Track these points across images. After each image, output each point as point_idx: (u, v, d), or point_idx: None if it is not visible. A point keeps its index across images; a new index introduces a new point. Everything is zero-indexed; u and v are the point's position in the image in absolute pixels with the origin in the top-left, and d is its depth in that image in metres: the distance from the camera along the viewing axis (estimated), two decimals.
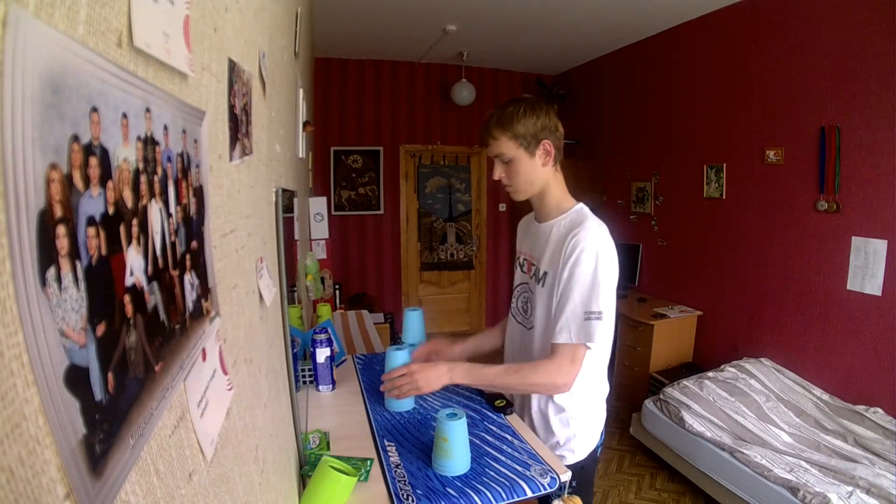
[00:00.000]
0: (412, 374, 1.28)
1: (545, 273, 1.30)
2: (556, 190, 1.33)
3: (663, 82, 3.90)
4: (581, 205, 1.33)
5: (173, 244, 0.41)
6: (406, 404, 1.41)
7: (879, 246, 2.49)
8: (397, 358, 1.38)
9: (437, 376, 1.29)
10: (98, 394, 0.27)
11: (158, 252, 0.38)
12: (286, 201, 1.16)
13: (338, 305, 4.24)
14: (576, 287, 1.19)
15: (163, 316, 0.38)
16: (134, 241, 0.33)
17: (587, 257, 1.19)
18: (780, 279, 3.03)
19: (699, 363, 3.50)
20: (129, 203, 0.33)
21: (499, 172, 1.31)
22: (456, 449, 1.15)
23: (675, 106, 3.79)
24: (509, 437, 1.32)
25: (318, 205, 3.16)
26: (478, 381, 1.30)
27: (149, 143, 0.36)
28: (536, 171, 1.29)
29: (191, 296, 0.45)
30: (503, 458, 1.22)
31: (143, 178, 0.35)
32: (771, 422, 2.55)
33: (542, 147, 1.27)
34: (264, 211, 0.94)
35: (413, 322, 1.67)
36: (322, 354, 1.60)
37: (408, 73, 4.95)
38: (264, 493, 0.74)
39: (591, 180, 4.60)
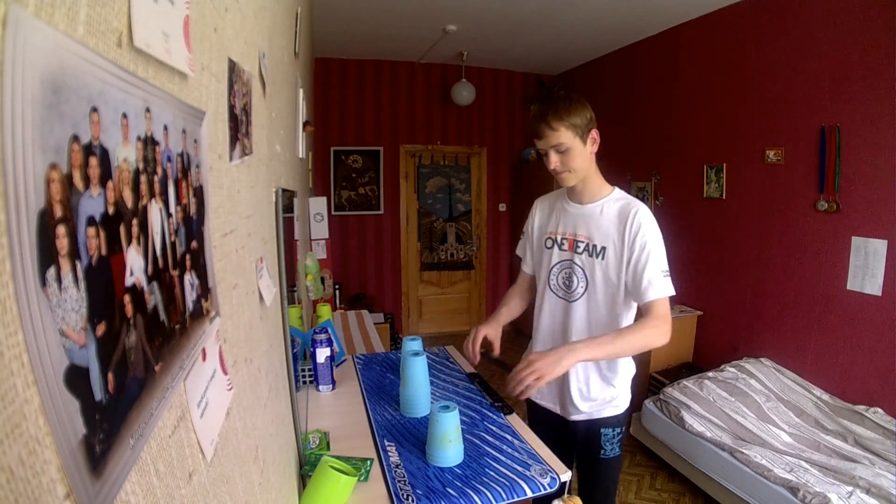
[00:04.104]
0: (532, 363, 1.27)
1: (603, 248, 1.44)
2: (597, 174, 1.50)
3: (663, 82, 3.90)
4: (618, 188, 1.52)
5: (173, 244, 0.41)
6: (455, 458, 1.21)
7: (879, 246, 2.49)
8: (448, 420, 1.19)
9: (557, 360, 1.27)
10: (98, 394, 0.27)
11: (158, 252, 0.38)
12: (286, 201, 1.16)
13: (338, 305, 4.25)
14: (651, 253, 1.38)
15: (163, 316, 0.38)
16: (134, 241, 0.33)
17: (651, 229, 1.40)
18: (780, 279, 3.03)
19: (699, 363, 3.50)
20: (129, 203, 0.33)
21: (555, 161, 1.41)
22: (449, 439, 1.17)
23: (675, 106, 3.78)
24: (509, 437, 1.32)
25: (318, 205, 3.16)
26: (597, 354, 1.33)
27: (149, 143, 0.36)
28: (587, 157, 1.44)
29: (191, 296, 0.45)
30: (503, 458, 1.22)
31: (143, 178, 0.35)
32: (771, 422, 2.55)
33: (592, 136, 1.43)
34: (264, 211, 0.94)
35: (417, 371, 1.46)
36: (322, 354, 1.60)
37: (408, 73, 4.95)
38: (264, 493, 0.74)
39: None
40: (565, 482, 1.16)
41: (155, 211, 0.38)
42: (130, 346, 0.32)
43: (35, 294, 0.23)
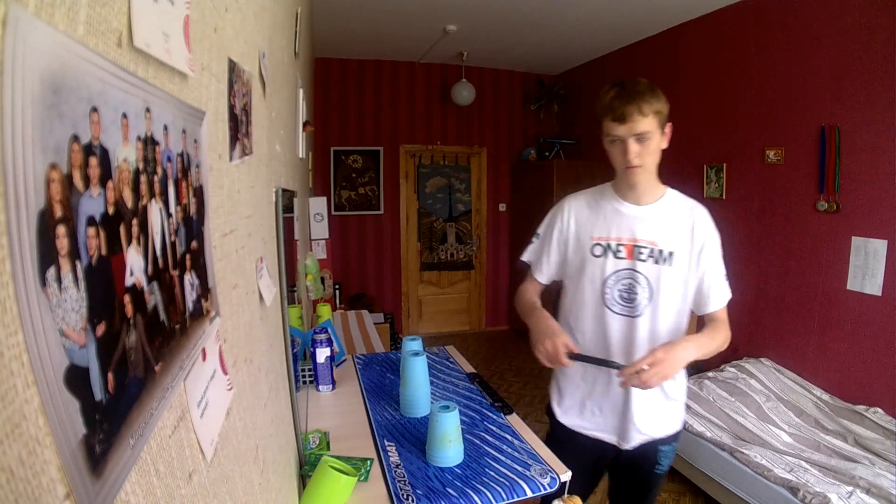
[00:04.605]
0: (659, 362, 1.14)
1: (671, 253, 1.30)
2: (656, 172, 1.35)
3: (663, 82, 3.86)
4: (668, 186, 1.38)
5: (173, 244, 0.41)
6: (455, 458, 1.21)
7: (879, 246, 2.49)
8: (448, 420, 1.18)
9: (681, 357, 1.17)
10: (98, 394, 0.27)
11: (158, 252, 0.38)
12: (286, 201, 1.16)
13: (338, 305, 4.25)
14: (718, 257, 1.33)
15: (163, 316, 0.38)
16: (134, 241, 0.33)
17: (717, 235, 1.33)
18: (780, 279, 3.03)
19: (699, 363, 3.50)
20: (129, 203, 0.33)
21: (636, 151, 1.24)
22: (449, 439, 1.17)
23: (675, 106, 3.74)
24: (509, 437, 1.32)
25: (318, 205, 3.16)
26: (700, 354, 1.25)
27: (149, 143, 0.36)
28: (660, 150, 1.29)
29: (191, 296, 0.45)
30: (503, 458, 1.22)
31: (143, 178, 0.35)
32: (771, 422, 2.55)
33: (667, 129, 1.29)
34: (264, 211, 0.94)
35: (417, 371, 1.45)
36: (322, 354, 1.60)
37: (408, 73, 4.95)
38: (264, 493, 0.74)
39: (591, 180, 4.59)
40: (565, 482, 1.16)
41: (155, 211, 0.38)
42: (130, 346, 0.32)
43: (35, 294, 0.23)
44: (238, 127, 0.69)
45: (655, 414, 1.37)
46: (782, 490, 2.07)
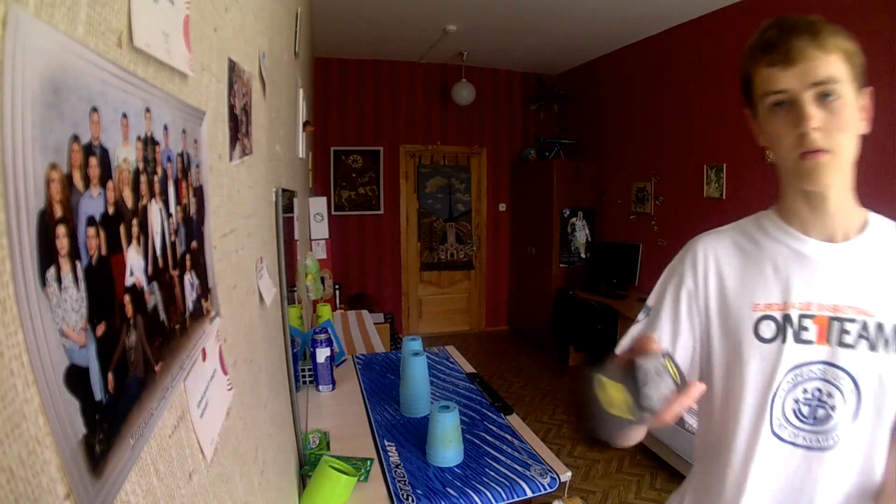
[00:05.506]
0: None
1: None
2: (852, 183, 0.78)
3: (663, 82, 3.90)
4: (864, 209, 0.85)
5: (173, 244, 0.41)
6: (455, 458, 1.22)
7: None
8: (448, 420, 1.19)
9: None
10: (98, 394, 0.27)
11: (158, 252, 0.38)
12: (286, 201, 1.16)
13: (338, 305, 4.25)
14: None
15: (163, 316, 0.38)
16: (134, 241, 0.33)
17: None
18: None
19: None
20: (129, 203, 0.33)
21: (817, 117, 0.70)
22: (449, 439, 1.17)
23: (674, 106, 3.78)
24: (509, 437, 1.32)
25: (318, 205, 3.16)
26: None
27: (149, 143, 0.36)
28: (857, 128, 0.76)
29: (191, 296, 0.45)
30: (503, 458, 1.22)
31: (143, 178, 0.35)
32: None
33: (867, 95, 0.76)
34: (264, 211, 0.94)
35: (417, 371, 1.45)
36: (322, 354, 1.60)
37: (408, 73, 4.95)
38: (264, 492, 0.74)
39: (591, 180, 4.60)
40: (565, 482, 1.16)
41: (155, 211, 0.38)
42: (130, 346, 0.32)
43: (35, 294, 0.23)
44: (238, 127, 0.69)
45: None
46: None
